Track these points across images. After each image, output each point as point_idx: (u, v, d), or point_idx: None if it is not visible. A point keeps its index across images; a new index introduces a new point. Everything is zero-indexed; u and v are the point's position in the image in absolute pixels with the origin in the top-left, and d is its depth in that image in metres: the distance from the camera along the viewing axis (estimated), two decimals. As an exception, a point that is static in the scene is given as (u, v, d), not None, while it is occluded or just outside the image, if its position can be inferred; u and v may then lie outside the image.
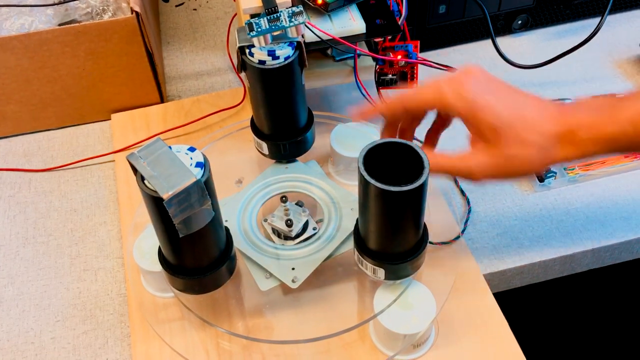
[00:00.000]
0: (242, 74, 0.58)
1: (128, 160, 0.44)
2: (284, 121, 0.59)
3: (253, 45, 0.53)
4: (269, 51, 0.53)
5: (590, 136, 0.48)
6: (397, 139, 0.47)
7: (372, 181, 0.44)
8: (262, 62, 0.54)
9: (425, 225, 0.51)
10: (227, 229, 0.53)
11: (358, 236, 0.52)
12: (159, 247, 0.51)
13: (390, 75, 0.68)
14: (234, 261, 0.54)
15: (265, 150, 0.62)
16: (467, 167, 0.50)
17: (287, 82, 0.56)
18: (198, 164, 0.45)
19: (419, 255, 0.50)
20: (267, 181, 0.62)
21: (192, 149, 0.46)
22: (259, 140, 0.61)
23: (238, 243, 0.56)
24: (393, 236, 0.49)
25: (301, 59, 0.55)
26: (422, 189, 0.45)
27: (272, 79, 0.55)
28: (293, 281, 0.54)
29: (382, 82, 0.68)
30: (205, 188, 0.44)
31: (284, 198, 0.58)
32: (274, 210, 0.59)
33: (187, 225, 0.45)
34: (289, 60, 0.54)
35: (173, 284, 0.52)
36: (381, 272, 0.51)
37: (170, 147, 0.45)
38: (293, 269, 0.55)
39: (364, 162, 0.46)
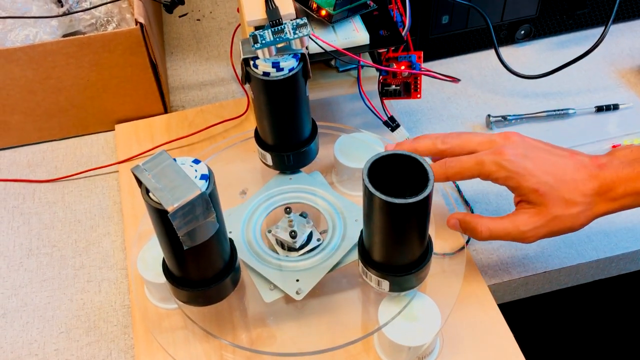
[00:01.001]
0: (246, 85, 0.58)
1: (133, 173, 0.44)
2: (288, 132, 0.59)
3: (257, 57, 0.54)
4: (273, 63, 0.53)
5: (627, 191, 0.51)
6: (402, 151, 0.47)
7: (377, 193, 0.44)
8: (266, 73, 0.54)
9: (429, 237, 0.51)
10: (231, 241, 0.53)
11: (362, 248, 0.51)
12: (163, 259, 0.51)
13: (393, 86, 0.68)
14: (239, 273, 0.54)
15: (270, 161, 0.62)
16: (520, 231, 0.53)
17: (291, 94, 0.56)
18: (203, 177, 0.45)
19: (423, 267, 0.50)
20: (271, 192, 0.62)
21: (196, 161, 0.46)
22: (263, 151, 0.61)
23: (242, 254, 0.56)
24: (398, 248, 0.49)
25: (305, 70, 0.55)
26: (426, 201, 0.45)
27: (276, 90, 0.55)
28: (297, 293, 0.54)
29: (385, 93, 0.68)
30: (209, 200, 0.44)
31: (287, 209, 0.58)
32: (278, 221, 0.59)
33: (191, 238, 0.45)
34: (293, 72, 0.54)
35: (177, 295, 0.52)
36: (386, 284, 0.51)
37: (175, 160, 0.45)
38: (297, 280, 0.54)
39: (368, 174, 0.45)
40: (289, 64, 0.54)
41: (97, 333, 0.59)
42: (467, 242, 0.63)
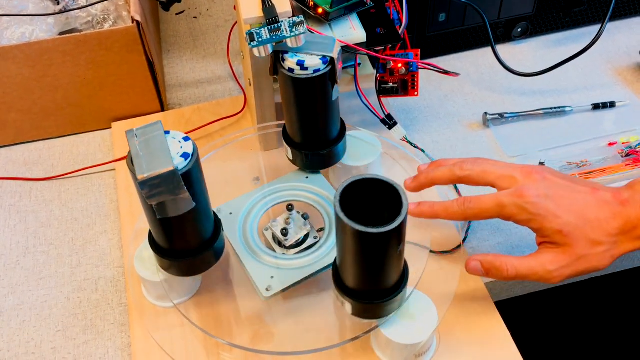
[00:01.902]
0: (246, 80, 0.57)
1: (126, 135, 0.46)
2: (308, 132, 0.59)
3: (286, 52, 0.53)
4: (298, 61, 0.53)
5: None
6: (378, 176, 0.46)
7: (345, 219, 0.43)
8: (290, 70, 0.53)
9: (405, 268, 0.50)
10: (217, 219, 0.54)
11: (335, 265, 0.51)
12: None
13: (391, 84, 0.68)
14: (220, 250, 0.55)
15: (290, 156, 0.62)
16: (546, 270, 0.52)
17: (313, 95, 0.55)
18: (184, 155, 0.46)
19: (389, 300, 0.49)
20: (279, 187, 0.62)
21: (186, 139, 0.47)
22: (286, 145, 0.61)
23: (234, 242, 0.57)
24: (361, 275, 0.48)
25: (332, 74, 0.54)
26: (394, 233, 0.43)
27: (298, 88, 0.55)
28: (267, 290, 0.54)
29: (383, 91, 0.68)
30: (181, 178, 0.45)
31: (289, 206, 0.58)
32: (278, 216, 0.59)
33: (163, 209, 0.47)
34: (317, 74, 0.53)
35: (159, 262, 0.54)
36: (349, 307, 0.50)
37: (167, 132, 0.47)
38: (272, 277, 0.55)
39: (341, 197, 0.44)
40: (314, 64, 0.53)
41: (94, 331, 0.59)
42: (464, 240, 0.63)
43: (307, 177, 0.63)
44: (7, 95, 0.71)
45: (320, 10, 0.59)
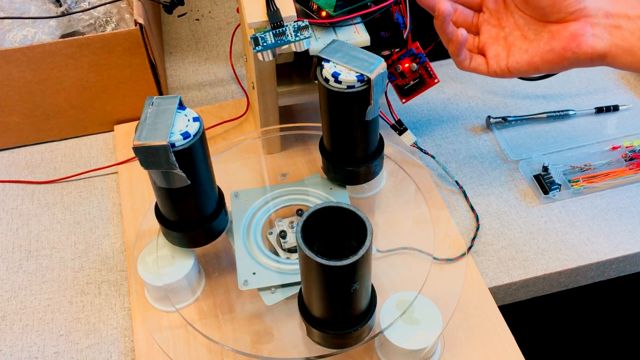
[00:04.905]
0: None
1: (145, 100, 0.49)
2: (335, 144, 0.58)
3: (328, 60, 0.52)
4: (334, 72, 0.52)
5: None
6: (341, 204, 0.45)
7: (304, 247, 0.42)
8: (326, 79, 0.52)
9: (372, 305, 0.49)
10: (220, 202, 0.55)
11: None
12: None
13: (410, 83, 0.66)
14: (214, 232, 0.56)
15: (320, 163, 0.61)
16: None
17: (341, 110, 0.54)
18: (185, 134, 0.48)
19: (344, 334, 0.48)
20: (299, 189, 0.61)
21: (196, 119, 0.49)
22: (320, 152, 0.60)
23: (237, 231, 0.58)
24: (315, 301, 0.48)
25: (365, 95, 0.52)
26: (353, 266, 0.42)
27: (329, 99, 0.54)
28: (244, 284, 0.54)
29: (406, 92, 0.67)
30: (172, 155, 0.47)
31: (299, 211, 0.58)
32: (285, 218, 0.59)
33: (157, 179, 0.49)
34: (349, 90, 0.52)
35: (163, 232, 0.56)
36: (303, 327, 0.51)
37: (183, 108, 0.49)
38: (254, 273, 0.55)
39: (305, 225, 0.44)
40: (349, 79, 0.51)
41: (97, 336, 0.59)
42: (470, 248, 0.63)
43: (330, 188, 0.61)
44: (9, 98, 0.71)
45: (323, 14, 0.59)
